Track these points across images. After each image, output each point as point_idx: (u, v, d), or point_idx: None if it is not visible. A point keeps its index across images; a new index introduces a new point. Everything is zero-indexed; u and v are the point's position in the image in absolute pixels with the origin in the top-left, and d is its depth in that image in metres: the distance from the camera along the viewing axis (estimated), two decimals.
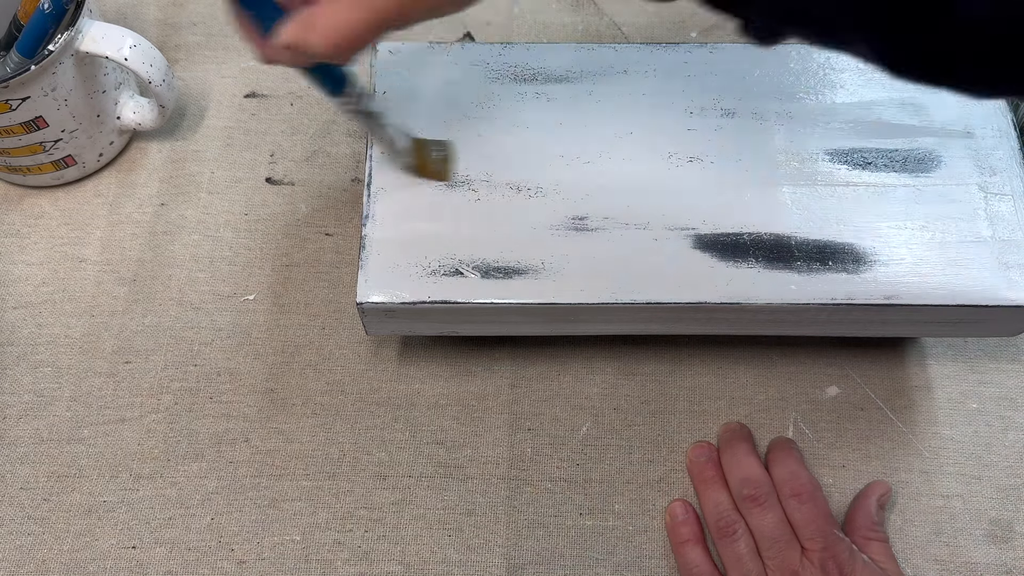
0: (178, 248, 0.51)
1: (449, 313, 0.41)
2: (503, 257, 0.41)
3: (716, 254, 0.42)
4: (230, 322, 0.49)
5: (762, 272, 0.41)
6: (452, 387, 0.47)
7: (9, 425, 0.46)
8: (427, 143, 0.44)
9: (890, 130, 0.45)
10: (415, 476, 0.45)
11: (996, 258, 0.41)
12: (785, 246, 0.42)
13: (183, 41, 0.58)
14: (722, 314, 0.41)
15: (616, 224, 0.42)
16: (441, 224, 0.42)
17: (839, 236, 0.42)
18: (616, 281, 0.41)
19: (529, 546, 0.44)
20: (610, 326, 0.43)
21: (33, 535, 0.44)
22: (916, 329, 0.44)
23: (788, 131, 0.45)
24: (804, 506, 0.41)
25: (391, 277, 0.41)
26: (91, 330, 0.49)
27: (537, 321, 0.42)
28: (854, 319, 0.42)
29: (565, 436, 0.46)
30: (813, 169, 0.44)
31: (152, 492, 0.45)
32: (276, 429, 0.46)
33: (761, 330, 0.43)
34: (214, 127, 0.55)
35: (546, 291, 0.41)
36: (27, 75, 0.45)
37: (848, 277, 0.41)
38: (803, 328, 0.43)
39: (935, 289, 0.41)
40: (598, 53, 0.47)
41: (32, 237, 0.51)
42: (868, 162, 0.44)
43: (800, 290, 0.41)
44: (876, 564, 0.40)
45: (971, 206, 0.43)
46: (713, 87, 0.46)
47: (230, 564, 0.43)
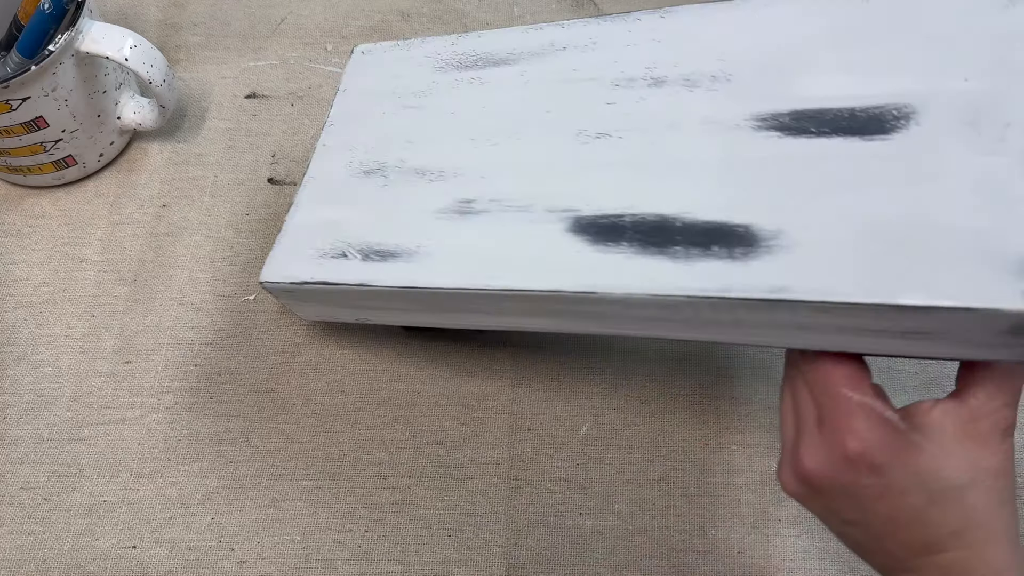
0: (179, 248, 0.51)
1: (338, 295, 0.42)
2: (386, 241, 0.41)
3: (589, 238, 0.36)
4: (231, 322, 0.49)
5: (631, 258, 0.35)
6: (452, 387, 0.47)
7: (9, 425, 0.46)
8: None
9: (850, 86, 0.35)
10: (415, 476, 0.45)
11: (956, 246, 0.30)
12: (668, 228, 0.35)
13: (184, 41, 0.58)
14: (583, 306, 0.36)
15: (500, 207, 0.40)
16: (348, 209, 0.43)
17: (736, 216, 0.34)
18: (479, 266, 0.38)
19: (529, 546, 0.44)
20: (489, 318, 0.40)
21: (33, 535, 0.44)
22: (857, 343, 0.33)
23: (719, 97, 0.38)
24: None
25: (290, 259, 0.43)
26: (92, 330, 0.49)
27: (413, 308, 0.41)
28: (744, 321, 0.34)
29: (565, 436, 0.46)
30: (733, 139, 0.36)
31: (152, 492, 0.45)
32: (276, 429, 0.46)
33: (651, 331, 0.37)
34: (215, 128, 0.55)
35: (409, 274, 0.39)
36: (27, 75, 0.45)
37: (731, 265, 0.33)
38: (702, 332, 0.35)
39: (847, 284, 0.31)
40: (545, 32, 0.44)
41: (33, 237, 0.51)
42: (807, 128, 0.35)
43: (666, 279, 0.34)
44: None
45: (940, 179, 0.32)
46: (651, 55, 0.41)
47: (230, 564, 0.43)
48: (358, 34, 0.58)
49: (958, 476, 0.32)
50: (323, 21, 0.59)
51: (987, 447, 0.32)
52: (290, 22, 0.59)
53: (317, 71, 0.57)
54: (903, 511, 0.33)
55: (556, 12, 0.59)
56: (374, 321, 0.44)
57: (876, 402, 0.33)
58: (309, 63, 0.57)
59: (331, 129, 0.47)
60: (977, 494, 0.32)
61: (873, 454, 0.32)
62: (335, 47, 0.58)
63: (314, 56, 0.58)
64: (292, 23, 0.59)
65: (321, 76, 0.57)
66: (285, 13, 0.59)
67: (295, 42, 0.58)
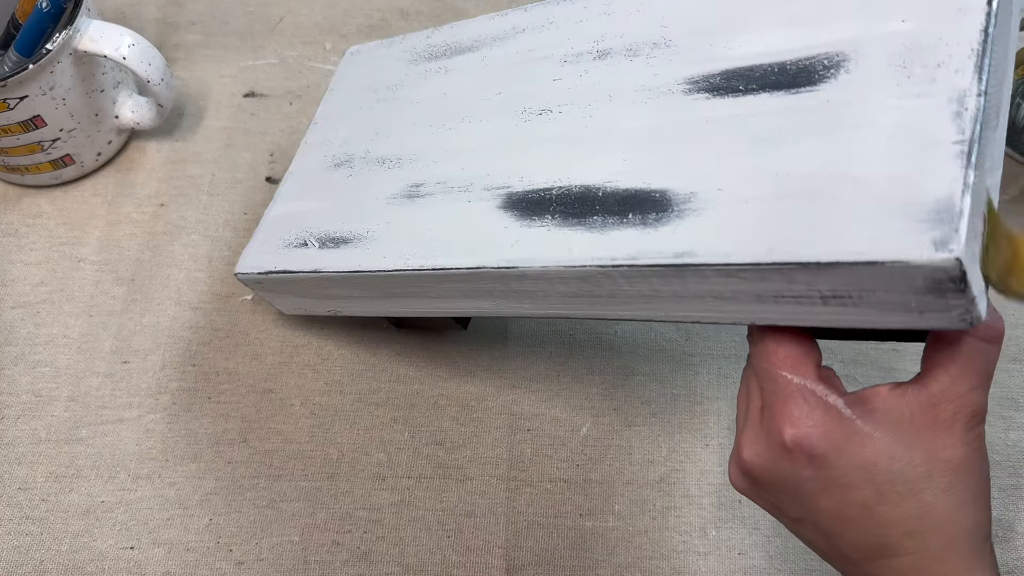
0: (177, 248, 0.51)
1: (301, 284, 0.43)
2: (342, 228, 0.42)
3: (516, 214, 0.36)
4: (229, 322, 0.49)
5: (552, 231, 0.34)
6: (451, 387, 0.47)
7: (7, 425, 0.46)
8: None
9: (784, 40, 0.33)
10: (414, 477, 0.45)
11: (870, 197, 0.28)
12: (590, 199, 0.34)
13: (182, 40, 0.58)
14: (510, 283, 0.36)
15: (444, 188, 0.40)
16: (314, 201, 0.44)
17: (654, 182, 0.33)
18: (417, 247, 0.38)
19: (529, 547, 0.43)
20: (434, 302, 0.40)
21: (31, 535, 0.44)
22: (776, 313, 0.30)
23: (656, 64, 0.37)
24: None
25: (261, 251, 0.44)
26: (89, 330, 0.48)
27: (368, 295, 0.42)
28: (662, 293, 0.32)
29: (565, 436, 0.46)
30: (663, 104, 0.35)
31: (150, 492, 0.45)
32: (275, 429, 0.46)
33: (581, 309, 0.36)
34: (213, 127, 0.55)
35: (355, 259, 0.40)
36: (25, 74, 0.45)
37: (642, 232, 0.31)
38: (629, 309, 0.34)
39: (754, 244, 0.29)
40: (508, 17, 0.44)
41: (30, 237, 0.51)
42: (735, 87, 0.33)
43: (580, 250, 0.33)
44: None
45: (867, 125, 0.29)
46: (600, 29, 0.40)
47: (228, 565, 0.43)
48: (357, 33, 0.58)
49: (911, 469, 0.29)
50: (322, 20, 0.59)
51: (948, 436, 0.29)
52: (289, 21, 0.59)
53: (316, 70, 0.57)
54: (850, 507, 0.30)
55: None
56: (344, 312, 0.44)
57: (818, 385, 0.30)
58: (308, 62, 0.57)
59: (314, 127, 0.48)
60: (934, 490, 0.29)
61: (811, 442, 0.29)
62: (334, 46, 0.58)
63: (313, 55, 0.58)
64: (291, 22, 0.59)
65: (320, 75, 0.57)
66: (284, 12, 0.59)
67: (294, 41, 0.58)
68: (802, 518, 0.32)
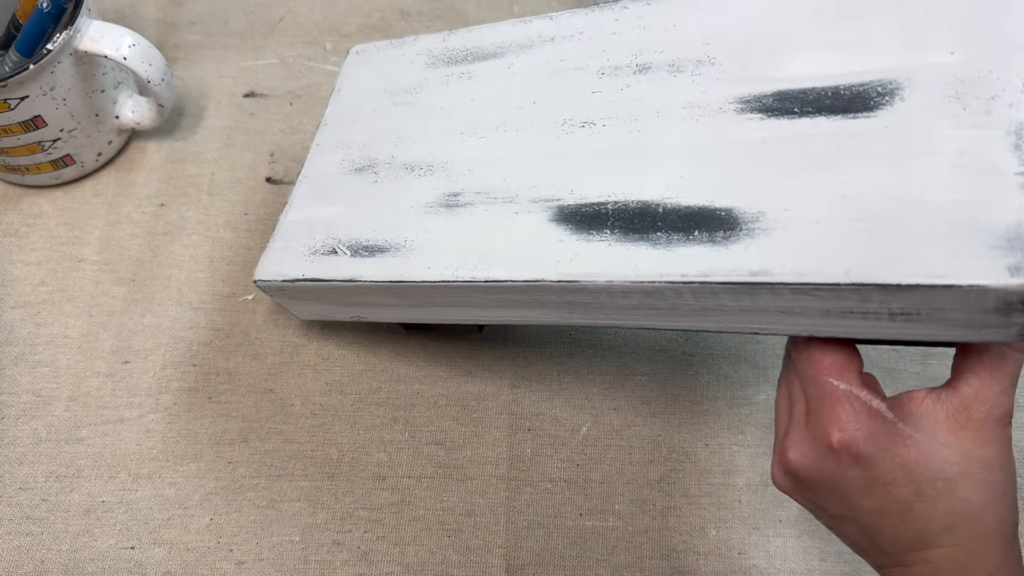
0: (177, 248, 0.51)
1: (330, 292, 0.42)
2: (375, 236, 0.41)
3: (571, 227, 0.36)
4: (229, 322, 0.49)
5: (612, 246, 0.35)
6: (452, 387, 0.47)
7: (7, 425, 0.46)
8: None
9: (834, 64, 0.34)
10: (414, 477, 0.45)
11: (939, 222, 0.29)
12: (650, 214, 0.34)
13: (182, 40, 0.58)
14: (568, 295, 0.36)
15: (485, 199, 0.39)
16: (338, 207, 0.43)
17: (717, 200, 0.33)
18: (464, 258, 0.38)
19: (529, 547, 0.43)
20: (477, 311, 0.40)
21: (31, 535, 0.44)
22: (843, 327, 0.32)
23: (703, 82, 0.37)
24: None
25: (284, 257, 0.43)
26: (90, 330, 0.48)
27: (403, 303, 0.41)
28: (728, 307, 0.33)
29: (565, 436, 0.46)
30: (716, 122, 0.36)
31: (151, 492, 0.45)
32: (275, 429, 0.46)
33: (636, 320, 0.36)
34: (213, 127, 0.55)
35: (395, 268, 0.40)
36: (26, 74, 0.45)
37: (712, 249, 0.32)
38: (689, 320, 0.35)
39: (828, 264, 0.30)
40: (533, 25, 0.44)
41: (31, 237, 0.51)
42: (790, 108, 0.34)
43: (647, 265, 0.33)
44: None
45: (925, 154, 0.31)
46: (636, 42, 0.40)
47: (229, 565, 0.43)
48: (357, 33, 0.58)
49: (948, 467, 0.31)
50: (322, 20, 0.59)
51: (980, 436, 0.31)
52: (289, 21, 0.59)
53: (316, 70, 0.57)
54: (891, 504, 0.32)
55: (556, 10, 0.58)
56: (368, 319, 0.44)
57: (863, 391, 0.32)
58: (308, 62, 0.57)
59: (325, 129, 0.48)
60: (969, 487, 0.31)
61: (858, 444, 0.31)
62: (334, 46, 0.58)
63: (313, 55, 0.58)
64: (291, 22, 0.59)
65: (320, 75, 0.57)
66: (284, 12, 0.59)
67: (294, 41, 0.58)
68: (843, 515, 0.33)
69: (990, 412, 0.31)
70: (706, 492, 0.45)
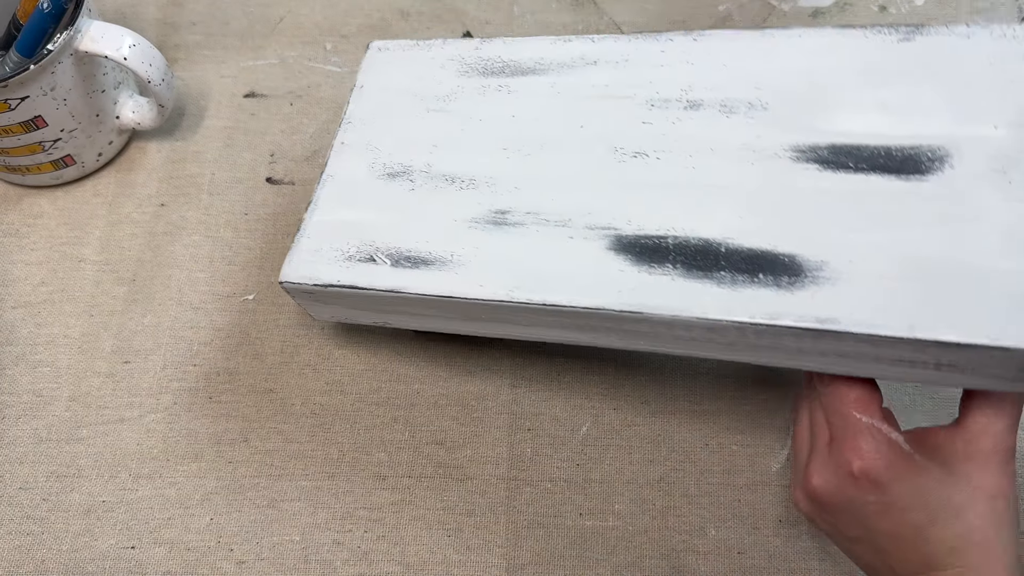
0: (178, 248, 0.51)
1: (361, 300, 0.41)
2: (417, 247, 0.41)
3: (631, 257, 0.37)
4: (230, 322, 0.49)
5: (675, 280, 0.36)
6: (452, 387, 0.47)
7: (8, 425, 0.46)
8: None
9: (885, 125, 0.37)
10: (415, 476, 0.45)
11: (994, 287, 0.32)
12: (712, 253, 0.36)
13: (182, 40, 0.58)
14: (631, 325, 0.37)
15: (537, 220, 0.40)
16: (372, 212, 0.43)
17: (780, 245, 0.35)
18: (518, 279, 0.38)
19: (529, 546, 0.43)
20: (519, 328, 0.40)
21: (32, 535, 0.44)
22: (890, 371, 0.35)
23: (756, 125, 0.39)
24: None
25: (314, 260, 0.42)
26: (90, 330, 0.49)
27: (445, 316, 0.41)
28: (793, 348, 0.35)
29: (565, 436, 0.46)
30: (772, 168, 0.37)
31: (151, 492, 0.45)
32: (275, 429, 0.46)
33: (696, 351, 0.38)
34: (214, 127, 0.55)
35: (445, 284, 0.39)
36: (26, 74, 0.45)
37: (777, 293, 0.34)
38: (744, 353, 0.37)
39: (891, 318, 0.32)
40: (574, 45, 0.44)
41: (31, 237, 0.51)
42: (845, 162, 0.37)
43: (715, 304, 0.35)
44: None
45: (974, 221, 0.34)
46: (685, 77, 0.41)
47: (229, 564, 0.43)
48: (357, 33, 0.58)
49: (957, 495, 0.34)
50: (322, 20, 0.59)
51: (986, 468, 0.34)
52: (289, 21, 0.59)
53: (316, 70, 0.57)
54: (905, 528, 0.34)
55: (556, 11, 0.58)
56: (393, 325, 0.44)
57: (883, 424, 0.35)
58: (308, 62, 0.57)
59: (349, 127, 0.46)
60: (975, 514, 0.34)
61: (878, 472, 0.34)
62: (334, 46, 0.58)
63: (313, 55, 0.58)
64: (291, 22, 0.59)
65: (320, 75, 0.57)
66: (284, 12, 0.59)
67: (294, 41, 0.58)
68: (860, 537, 0.36)
69: (995, 446, 0.34)
70: (706, 492, 0.45)
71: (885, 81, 0.38)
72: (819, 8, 0.58)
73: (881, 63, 0.39)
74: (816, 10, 0.58)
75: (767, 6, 0.58)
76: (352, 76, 0.56)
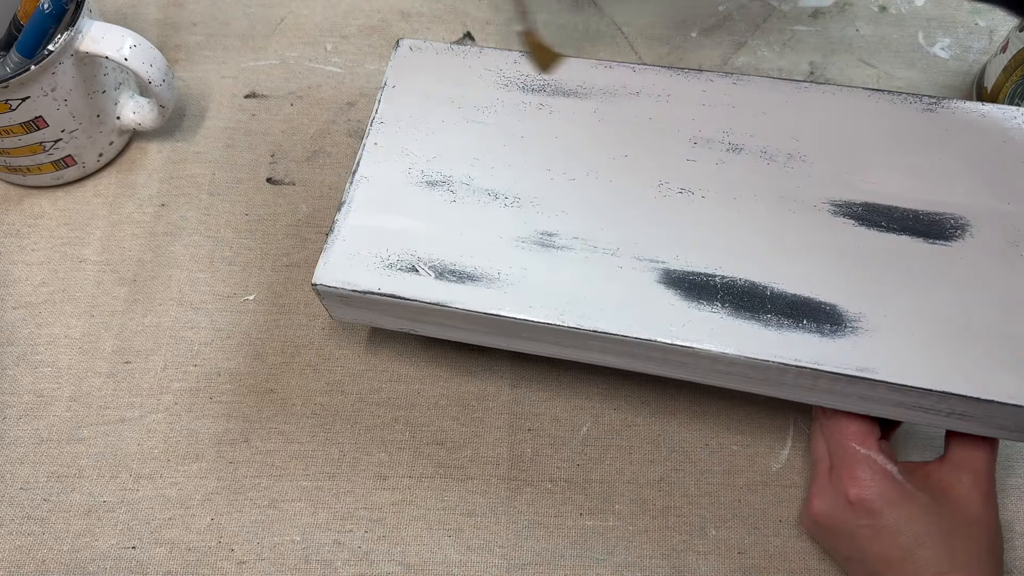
0: (178, 248, 0.51)
1: (398, 308, 0.41)
2: (461, 261, 0.41)
3: (681, 292, 0.39)
4: (230, 322, 0.49)
5: (725, 319, 0.38)
6: (452, 387, 0.47)
7: (9, 425, 0.46)
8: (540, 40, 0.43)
9: (913, 190, 0.41)
10: (415, 476, 0.45)
11: (1008, 350, 0.37)
12: (759, 296, 0.39)
13: (183, 41, 0.58)
14: (676, 356, 0.39)
15: (584, 245, 0.41)
16: (412, 220, 0.42)
17: (822, 294, 0.38)
18: (568, 303, 0.39)
19: (529, 546, 0.44)
20: (561, 350, 0.41)
21: (33, 535, 0.44)
22: (905, 414, 0.38)
23: (796, 175, 0.42)
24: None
25: (351, 264, 0.41)
26: (91, 330, 0.49)
27: (484, 331, 0.41)
28: (824, 388, 0.38)
29: (565, 436, 0.46)
30: (813, 219, 0.40)
31: (152, 492, 0.45)
32: (276, 429, 0.46)
33: (727, 383, 0.40)
34: (214, 127, 0.55)
35: (493, 301, 0.40)
36: (27, 75, 0.45)
37: (821, 340, 0.37)
38: (774, 389, 0.39)
39: (921, 371, 0.36)
40: (615, 72, 0.46)
41: (32, 237, 0.51)
42: (878, 221, 0.40)
43: (762, 345, 0.37)
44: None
45: (990, 288, 0.38)
46: (727, 119, 0.44)
47: (230, 564, 0.43)
48: (358, 34, 0.58)
49: (943, 521, 0.37)
50: (322, 20, 0.59)
51: (970, 500, 0.38)
52: (289, 22, 0.59)
53: (317, 71, 0.57)
54: (895, 550, 0.37)
55: (556, 12, 0.59)
56: (421, 333, 0.43)
57: (879, 456, 0.38)
58: (308, 63, 0.57)
59: (381, 128, 0.45)
60: (960, 539, 0.37)
61: (872, 500, 0.37)
62: (335, 47, 0.58)
63: (314, 56, 0.58)
64: (291, 23, 0.59)
65: (321, 76, 0.57)
66: (285, 13, 0.59)
67: (295, 42, 0.58)
68: (853, 557, 0.39)
69: (976, 479, 0.38)
70: (706, 492, 0.45)
71: (912, 147, 0.42)
72: (819, 8, 0.58)
73: (908, 128, 0.42)
74: (816, 10, 0.58)
75: (767, 7, 0.58)
76: (352, 76, 0.57)
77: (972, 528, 0.37)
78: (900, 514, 0.37)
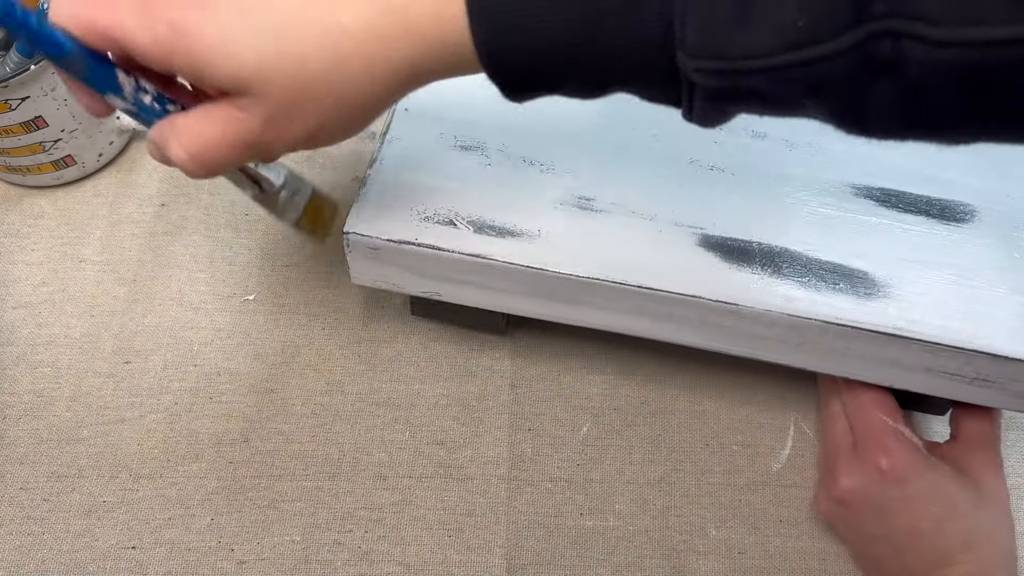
0: (178, 248, 0.51)
1: (433, 262, 0.41)
2: (500, 218, 0.41)
3: (722, 255, 0.40)
4: (230, 322, 0.49)
5: (765, 279, 0.39)
6: (452, 387, 0.47)
7: (9, 425, 0.46)
8: (321, 197, 0.41)
9: (925, 179, 0.43)
10: (415, 476, 0.45)
11: (1020, 316, 0.39)
12: (796, 260, 0.40)
13: None
14: (716, 317, 0.40)
15: (623, 211, 0.41)
16: (446, 180, 0.42)
17: (855, 262, 0.40)
18: (610, 259, 0.40)
19: (529, 546, 0.44)
20: (598, 313, 0.41)
21: (33, 535, 0.44)
22: (930, 383, 0.40)
23: (816, 163, 0.44)
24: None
25: (384, 215, 0.41)
26: (91, 330, 0.49)
27: (520, 290, 0.41)
28: (857, 353, 0.40)
29: (565, 436, 0.46)
30: (837, 196, 0.43)
31: (152, 492, 0.45)
32: (276, 429, 0.46)
33: (758, 351, 0.41)
34: None
35: (536, 255, 0.40)
36: (27, 75, 0.45)
37: (858, 301, 0.39)
38: (806, 357, 0.41)
39: (954, 331, 0.38)
40: None
41: (32, 237, 0.51)
42: (896, 203, 0.42)
43: (804, 304, 0.39)
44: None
45: (1000, 264, 0.41)
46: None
47: (230, 564, 0.43)
48: None
49: (968, 493, 0.38)
50: None
51: (984, 474, 0.39)
52: None
53: None
54: (923, 521, 0.38)
55: None
56: (445, 297, 0.43)
57: (906, 428, 0.40)
58: None
59: (411, 94, 0.46)
60: (984, 510, 0.38)
61: (904, 469, 0.39)
62: None
63: None
64: None
65: None
66: None
67: None
68: (878, 535, 0.40)
69: (987, 454, 0.40)
70: (706, 492, 0.45)
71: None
72: None
73: None
74: None
75: None
76: None
77: (992, 502, 0.39)
78: (929, 484, 0.38)
